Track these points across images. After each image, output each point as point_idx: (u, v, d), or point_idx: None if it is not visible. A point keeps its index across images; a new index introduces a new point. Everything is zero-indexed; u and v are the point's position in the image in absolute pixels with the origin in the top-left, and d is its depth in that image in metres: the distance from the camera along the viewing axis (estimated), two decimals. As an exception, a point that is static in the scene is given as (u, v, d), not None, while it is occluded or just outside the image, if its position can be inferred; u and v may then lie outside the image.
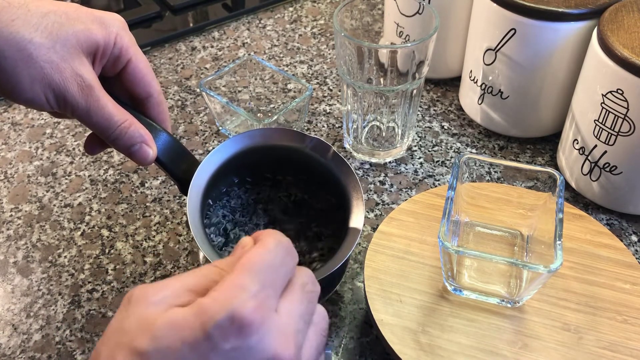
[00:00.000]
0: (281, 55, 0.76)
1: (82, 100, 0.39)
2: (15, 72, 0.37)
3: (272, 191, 0.53)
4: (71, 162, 0.64)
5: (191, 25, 0.81)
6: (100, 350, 0.28)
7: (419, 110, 0.68)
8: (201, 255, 0.54)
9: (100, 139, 0.43)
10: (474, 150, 0.64)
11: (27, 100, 0.38)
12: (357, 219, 0.46)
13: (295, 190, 0.52)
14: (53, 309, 0.51)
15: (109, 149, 0.64)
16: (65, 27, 0.39)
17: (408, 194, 0.60)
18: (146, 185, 0.61)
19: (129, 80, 0.43)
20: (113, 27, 0.41)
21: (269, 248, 0.30)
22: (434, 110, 0.69)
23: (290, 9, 0.85)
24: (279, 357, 0.28)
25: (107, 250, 0.55)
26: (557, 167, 0.62)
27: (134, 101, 0.45)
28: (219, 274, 0.30)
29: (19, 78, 0.37)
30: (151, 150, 0.43)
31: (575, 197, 0.59)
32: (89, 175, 0.62)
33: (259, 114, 0.67)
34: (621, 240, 0.51)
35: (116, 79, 0.44)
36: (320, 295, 0.33)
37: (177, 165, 0.46)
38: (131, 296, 0.29)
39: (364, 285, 0.48)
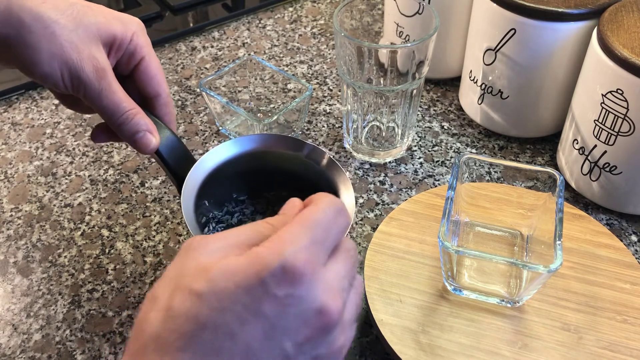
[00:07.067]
0: (281, 55, 0.76)
1: (95, 81, 0.41)
2: (38, 46, 0.40)
3: (267, 205, 0.52)
4: (71, 162, 0.64)
5: (191, 25, 0.81)
6: (157, 292, 0.30)
7: (419, 110, 0.68)
8: None
9: (107, 129, 0.46)
10: (474, 150, 0.64)
11: (44, 74, 0.41)
12: (347, 197, 0.45)
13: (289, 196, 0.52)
14: (53, 309, 0.51)
15: (108, 150, 0.65)
16: (88, 16, 0.42)
17: (408, 194, 0.60)
18: (146, 185, 0.61)
19: (140, 79, 0.45)
20: (131, 25, 0.44)
21: (321, 208, 0.32)
22: (434, 110, 0.69)
23: (290, 9, 0.85)
24: (326, 307, 0.29)
25: (107, 250, 0.55)
26: (557, 167, 0.62)
27: (144, 100, 0.46)
28: (272, 229, 0.32)
29: (40, 53, 0.40)
30: (154, 139, 0.44)
31: (575, 197, 0.59)
32: (89, 175, 0.62)
33: (259, 114, 0.67)
34: (621, 240, 0.51)
35: (129, 79, 0.46)
36: None
37: (178, 164, 0.46)
38: (190, 244, 0.31)
39: (364, 285, 0.48)
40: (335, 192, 0.46)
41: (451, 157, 0.63)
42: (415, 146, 0.64)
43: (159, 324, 0.29)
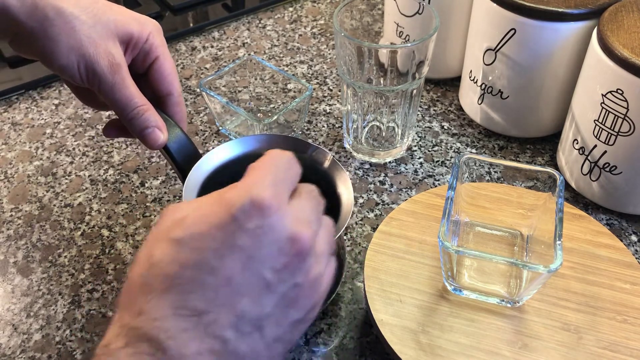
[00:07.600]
0: (281, 55, 0.76)
1: (109, 75, 0.44)
2: (58, 39, 0.42)
3: None
4: (71, 162, 0.64)
5: (191, 25, 0.81)
6: (140, 254, 0.32)
7: (419, 110, 0.68)
8: None
9: (119, 124, 0.47)
10: (474, 150, 0.64)
11: (61, 66, 0.43)
12: (345, 194, 0.45)
13: None
14: (53, 309, 0.51)
15: (108, 150, 0.65)
16: (108, 14, 0.44)
17: (408, 194, 0.60)
18: (146, 185, 0.61)
19: (154, 78, 0.47)
20: (148, 26, 0.47)
21: (272, 155, 0.34)
22: (434, 110, 0.69)
23: (290, 9, 0.85)
24: (297, 234, 0.31)
25: (107, 250, 0.55)
26: (557, 167, 0.62)
27: (156, 99, 0.48)
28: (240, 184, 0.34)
29: (59, 45, 0.43)
30: (162, 135, 0.46)
31: (575, 197, 0.59)
32: (89, 175, 0.62)
33: (259, 114, 0.67)
34: (621, 240, 0.51)
35: (143, 78, 0.47)
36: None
37: (186, 162, 0.47)
38: (166, 211, 0.33)
39: (364, 285, 0.48)
40: (334, 190, 0.46)
41: (451, 157, 0.63)
42: (415, 146, 0.64)
43: (144, 274, 0.31)
